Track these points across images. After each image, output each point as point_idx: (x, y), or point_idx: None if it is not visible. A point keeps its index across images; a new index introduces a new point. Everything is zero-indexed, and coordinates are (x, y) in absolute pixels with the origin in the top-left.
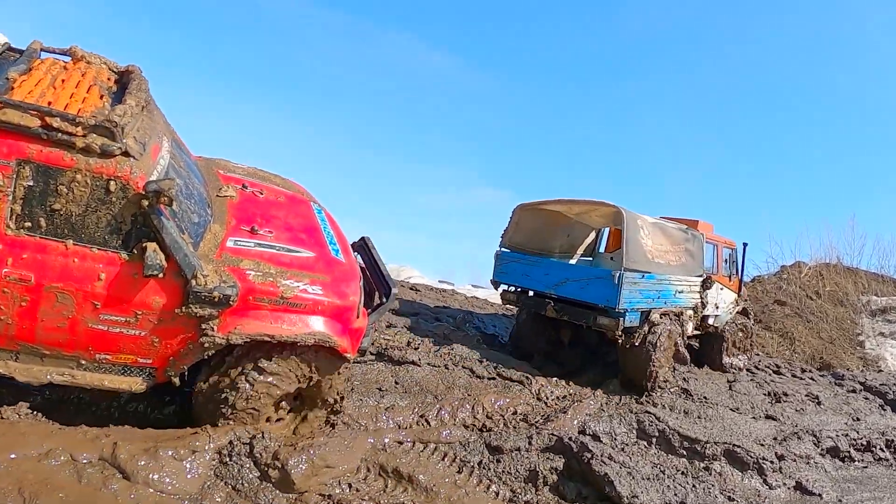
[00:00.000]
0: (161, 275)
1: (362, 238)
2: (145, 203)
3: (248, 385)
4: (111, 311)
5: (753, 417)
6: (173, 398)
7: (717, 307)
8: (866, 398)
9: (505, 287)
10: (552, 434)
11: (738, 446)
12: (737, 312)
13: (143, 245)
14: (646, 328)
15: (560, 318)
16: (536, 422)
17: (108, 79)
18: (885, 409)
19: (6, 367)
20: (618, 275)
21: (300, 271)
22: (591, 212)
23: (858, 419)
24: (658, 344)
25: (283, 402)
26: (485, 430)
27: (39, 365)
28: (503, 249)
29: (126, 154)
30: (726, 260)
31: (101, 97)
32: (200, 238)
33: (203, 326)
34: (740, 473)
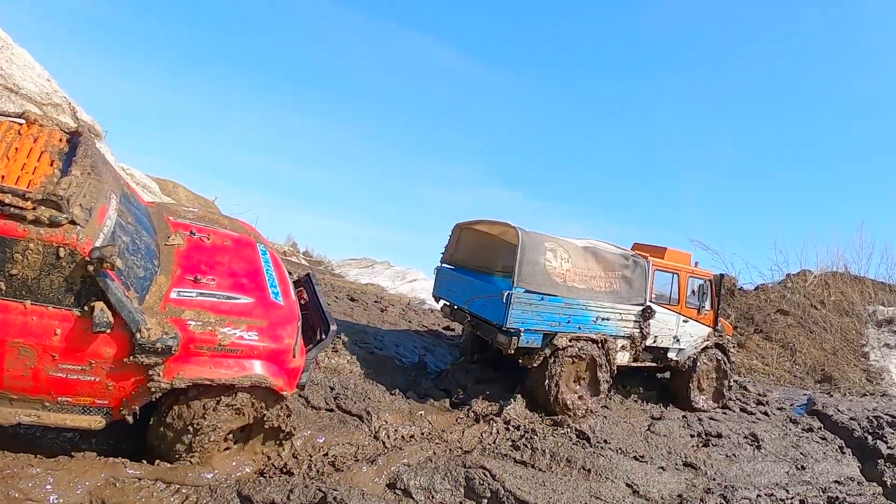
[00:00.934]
0: (109, 330)
1: (307, 274)
2: (90, 268)
3: (195, 422)
4: (68, 361)
5: (662, 468)
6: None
7: (679, 340)
8: (823, 438)
9: (444, 301)
10: (319, 489)
11: None
12: (708, 347)
13: (92, 304)
14: (547, 351)
15: (476, 332)
16: (346, 466)
17: (60, 140)
18: (842, 453)
19: None
20: (506, 294)
21: (238, 318)
22: (506, 232)
23: (803, 467)
24: (561, 369)
25: (231, 434)
26: (283, 472)
27: (8, 408)
28: (442, 265)
29: (73, 223)
30: (694, 291)
31: (52, 163)
32: (146, 291)
33: (150, 373)
34: None
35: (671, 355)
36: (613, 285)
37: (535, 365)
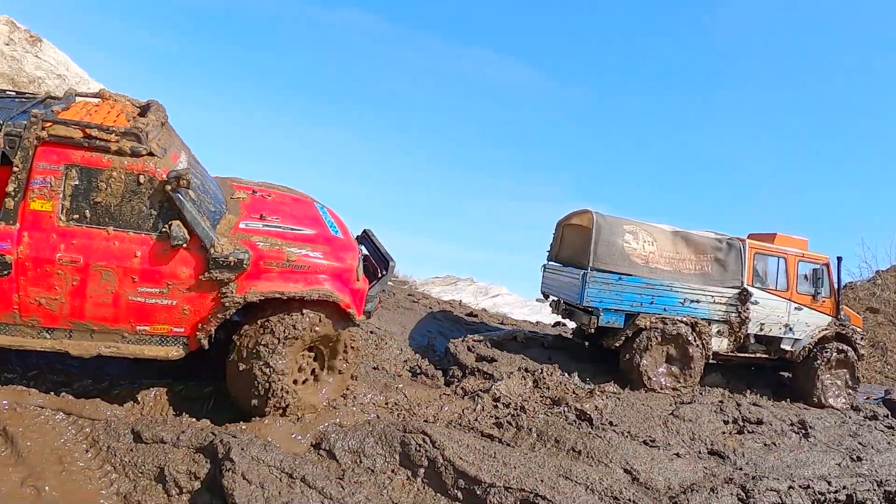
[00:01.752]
0: (185, 244)
1: (364, 230)
2: (168, 188)
3: (269, 342)
4: (146, 283)
5: (678, 454)
6: None
7: (792, 330)
8: (890, 427)
9: (552, 297)
10: (212, 432)
11: (543, 496)
12: (827, 337)
13: (170, 224)
14: (629, 331)
15: (568, 318)
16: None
17: (133, 111)
18: None
19: (62, 343)
20: (582, 273)
21: (303, 242)
22: (590, 220)
23: (859, 459)
24: (645, 348)
25: (305, 365)
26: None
27: (89, 340)
28: (548, 262)
29: (151, 154)
30: (807, 276)
31: (128, 121)
32: (217, 223)
33: (223, 289)
34: None
35: (785, 346)
36: (705, 268)
37: (618, 345)
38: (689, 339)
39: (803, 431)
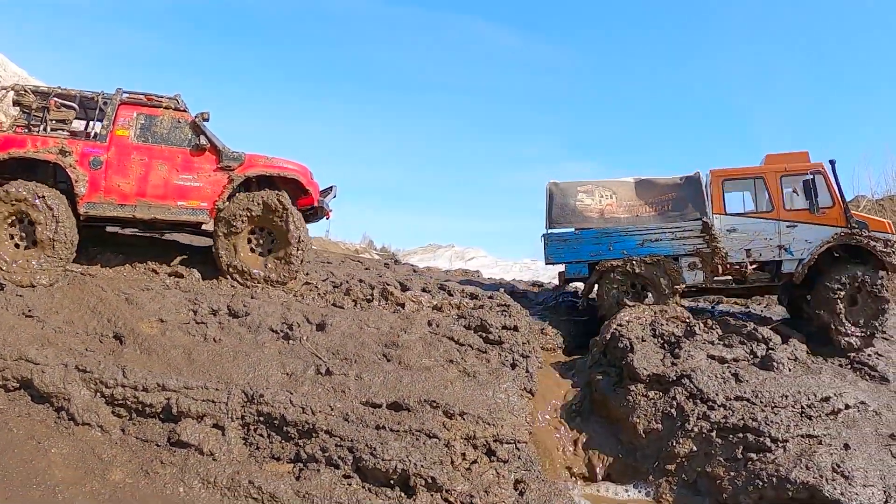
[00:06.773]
0: (207, 147)
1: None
2: (197, 120)
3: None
4: (184, 172)
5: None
6: None
7: (788, 249)
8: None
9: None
10: None
11: None
12: (833, 250)
13: (198, 141)
14: (594, 277)
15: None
16: None
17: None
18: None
19: (132, 213)
20: (541, 236)
21: (276, 157)
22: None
23: None
24: (612, 287)
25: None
26: None
27: (148, 211)
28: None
29: (185, 110)
30: (796, 190)
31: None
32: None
33: (230, 173)
34: None
35: (786, 269)
36: (664, 207)
37: (590, 294)
38: (649, 277)
39: (286, 332)
